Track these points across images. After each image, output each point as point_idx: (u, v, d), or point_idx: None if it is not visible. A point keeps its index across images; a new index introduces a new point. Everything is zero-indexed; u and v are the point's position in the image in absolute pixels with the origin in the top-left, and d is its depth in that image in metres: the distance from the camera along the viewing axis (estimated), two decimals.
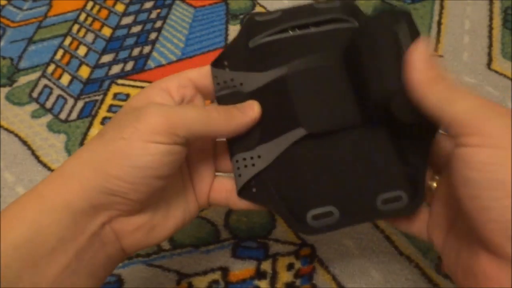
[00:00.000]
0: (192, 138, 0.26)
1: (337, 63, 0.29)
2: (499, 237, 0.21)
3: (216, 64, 0.31)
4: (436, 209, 0.28)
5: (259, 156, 0.29)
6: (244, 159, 0.30)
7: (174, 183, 0.29)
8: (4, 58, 0.56)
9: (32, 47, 0.57)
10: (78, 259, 0.25)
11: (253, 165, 0.29)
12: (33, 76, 0.54)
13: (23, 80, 0.54)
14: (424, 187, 0.28)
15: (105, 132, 0.26)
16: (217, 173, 0.32)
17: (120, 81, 0.53)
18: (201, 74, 0.30)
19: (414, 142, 0.28)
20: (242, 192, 0.30)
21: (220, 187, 0.31)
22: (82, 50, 0.56)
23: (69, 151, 0.47)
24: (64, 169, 0.25)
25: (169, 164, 0.25)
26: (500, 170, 0.21)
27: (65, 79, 0.53)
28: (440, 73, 0.24)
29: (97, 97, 0.51)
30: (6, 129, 0.49)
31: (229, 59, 0.31)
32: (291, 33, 0.30)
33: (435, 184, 0.29)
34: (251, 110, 0.29)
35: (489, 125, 0.22)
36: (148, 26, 0.58)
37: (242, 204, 0.31)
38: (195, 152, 0.31)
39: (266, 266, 0.39)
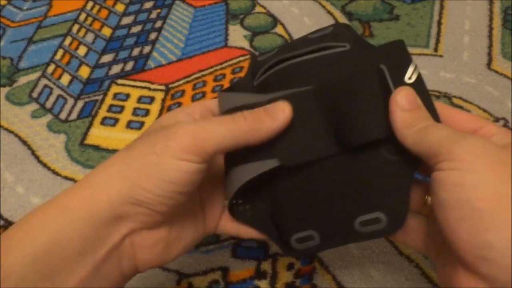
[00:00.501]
0: (221, 152, 0.27)
1: (321, 93, 0.29)
2: (470, 256, 0.22)
3: (224, 90, 0.32)
4: (432, 223, 0.29)
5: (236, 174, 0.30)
6: (228, 174, 0.31)
7: (188, 204, 0.30)
8: (4, 58, 0.56)
9: (32, 47, 0.57)
10: (94, 273, 0.25)
11: (234, 180, 0.30)
12: (33, 76, 0.54)
13: (23, 80, 0.54)
14: (406, 207, 0.27)
15: (134, 147, 0.26)
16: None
17: (120, 81, 0.53)
18: (216, 103, 0.32)
19: (397, 164, 0.28)
20: (238, 215, 0.31)
21: (227, 222, 0.32)
22: (82, 50, 0.56)
23: (69, 151, 0.47)
24: (91, 180, 0.26)
25: (195, 181, 0.26)
26: (466, 191, 0.22)
27: (65, 79, 0.53)
28: (416, 115, 0.26)
29: (97, 97, 0.51)
30: (6, 129, 0.49)
31: (235, 89, 0.33)
32: (282, 65, 0.31)
33: (430, 199, 0.29)
34: (282, 113, 0.28)
35: (458, 151, 0.23)
36: (148, 26, 0.58)
37: (253, 233, 0.31)
38: (207, 178, 0.30)
39: (266, 266, 0.39)
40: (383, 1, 0.58)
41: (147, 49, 0.56)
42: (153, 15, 0.59)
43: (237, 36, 0.56)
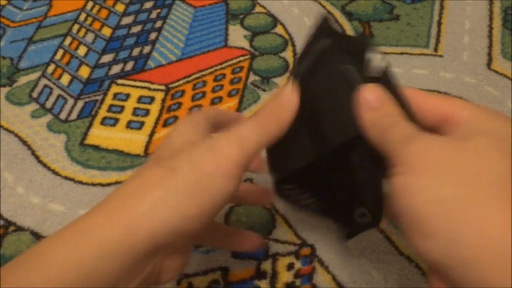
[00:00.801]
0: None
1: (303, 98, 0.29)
2: (425, 262, 0.22)
3: None
4: None
5: None
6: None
7: None
8: (4, 58, 0.56)
9: (32, 47, 0.57)
10: None
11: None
12: (33, 76, 0.54)
13: (23, 80, 0.54)
14: (381, 205, 0.28)
15: (177, 165, 0.24)
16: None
17: (120, 81, 0.53)
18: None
19: (371, 163, 0.28)
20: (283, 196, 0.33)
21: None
22: (82, 50, 0.56)
23: (69, 151, 0.47)
24: (128, 205, 0.23)
25: (231, 200, 0.25)
26: (409, 196, 0.22)
27: (65, 79, 0.53)
28: (383, 112, 0.25)
29: (97, 97, 0.51)
30: (6, 129, 0.49)
31: None
32: None
33: None
34: (288, 102, 0.27)
35: (406, 154, 0.23)
36: (148, 26, 0.58)
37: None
38: None
39: (266, 266, 0.39)
40: (383, 1, 0.58)
41: (147, 49, 0.56)
42: (153, 15, 0.59)
43: (237, 36, 0.56)
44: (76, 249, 0.22)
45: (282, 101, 0.27)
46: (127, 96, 0.51)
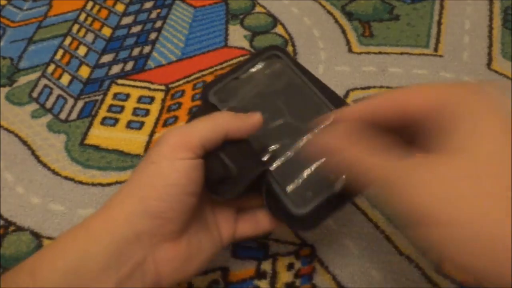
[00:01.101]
0: (208, 144, 0.29)
1: None
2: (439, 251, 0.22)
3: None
4: None
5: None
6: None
7: (202, 216, 0.32)
8: (4, 58, 0.56)
9: (32, 47, 0.57)
10: None
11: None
12: (33, 76, 0.54)
13: (23, 80, 0.54)
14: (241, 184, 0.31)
15: (138, 165, 0.29)
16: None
17: (120, 81, 0.53)
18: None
19: None
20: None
21: (244, 226, 0.34)
22: (82, 50, 0.56)
23: (69, 151, 0.47)
24: (108, 204, 0.28)
25: (195, 179, 0.28)
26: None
27: (65, 79, 0.53)
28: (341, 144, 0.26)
29: (97, 97, 0.51)
30: (6, 129, 0.49)
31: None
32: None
33: None
34: (255, 116, 0.32)
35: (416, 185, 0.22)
36: (148, 26, 0.58)
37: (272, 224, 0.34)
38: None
39: (266, 266, 0.39)
40: (383, 1, 0.58)
41: (147, 49, 0.56)
42: (153, 15, 0.59)
43: (237, 36, 0.56)
44: (71, 236, 0.27)
45: (249, 116, 0.31)
46: (127, 96, 0.51)
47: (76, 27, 0.59)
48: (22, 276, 0.25)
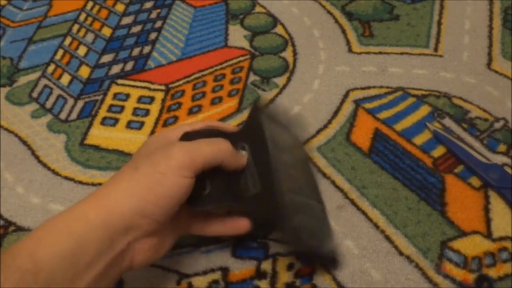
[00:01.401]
0: (206, 167, 0.32)
1: None
2: None
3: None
4: None
5: None
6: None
7: (176, 217, 0.34)
8: (4, 58, 0.56)
9: (32, 47, 0.57)
10: (104, 272, 0.29)
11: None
12: (33, 76, 0.54)
13: (23, 80, 0.54)
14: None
15: (140, 167, 0.31)
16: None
17: (120, 81, 0.53)
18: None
19: None
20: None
21: (214, 225, 0.37)
22: (82, 50, 0.56)
23: (69, 151, 0.47)
24: (105, 193, 0.31)
25: (188, 194, 0.31)
26: None
27: (65, 79, 0.53)
28: None
29: (97, 97, 0.51)
30: (6, 129, 0.49)
31: None
32: None
33: None
34: (244, 158, 0.36)
35: None
36: (148, 26, 0.58)
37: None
38: None
39: (266, 266, 0.39)
40: (383, 1, 0.58)
41: (147, 49, 0.56)
42: (153, 15, 0.59)
43: (237, 36, 0.56)
44: (68, 221, 0.29)
45: (241, 156, 0.35)
46: (127, 96, 0.51)
47: (76, 27, 0.59)
48: (21, 257, 0.27)
